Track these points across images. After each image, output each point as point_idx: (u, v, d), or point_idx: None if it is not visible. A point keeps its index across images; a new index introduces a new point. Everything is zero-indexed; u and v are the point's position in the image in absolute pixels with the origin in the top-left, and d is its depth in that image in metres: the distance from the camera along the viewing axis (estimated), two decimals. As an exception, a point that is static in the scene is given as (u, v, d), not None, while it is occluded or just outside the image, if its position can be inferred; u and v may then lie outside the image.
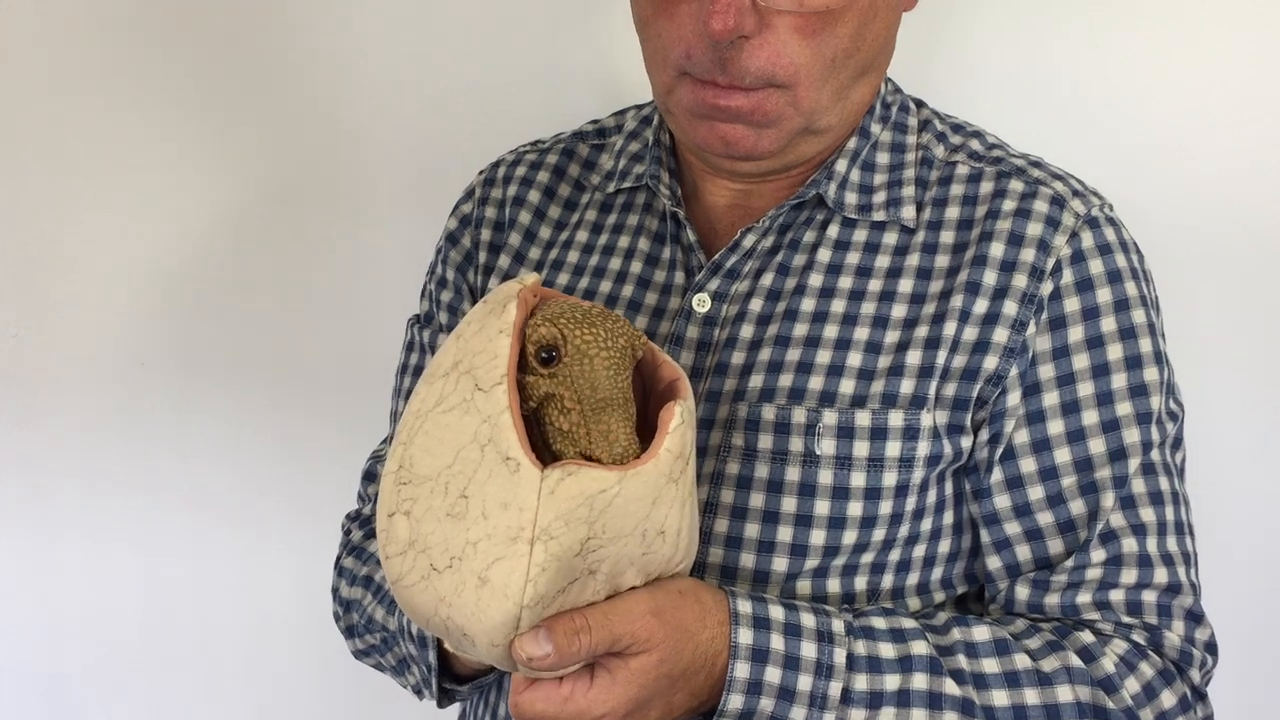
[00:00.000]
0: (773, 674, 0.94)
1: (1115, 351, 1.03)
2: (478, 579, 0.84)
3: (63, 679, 1.68)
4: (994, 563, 1.05)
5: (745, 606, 0.95)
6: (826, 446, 1.01)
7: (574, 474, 0.83)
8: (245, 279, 1.61)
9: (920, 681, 0.96)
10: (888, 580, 1.04)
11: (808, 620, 0.96)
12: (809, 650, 0.95)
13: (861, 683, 0.95)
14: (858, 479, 1.01)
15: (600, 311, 0.89)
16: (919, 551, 1.04)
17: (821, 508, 1.01)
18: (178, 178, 1.59)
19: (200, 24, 1.55)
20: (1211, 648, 1.03)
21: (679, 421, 0.87)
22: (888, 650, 0.96)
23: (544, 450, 0.88)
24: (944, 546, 1.05)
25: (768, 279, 1.08)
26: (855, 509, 1.01)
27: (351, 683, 1.61)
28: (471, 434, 0.85)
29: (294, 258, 1.60)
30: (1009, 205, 1.06)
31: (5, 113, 1.58)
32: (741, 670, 0.93)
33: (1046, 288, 1.03)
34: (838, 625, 0.96)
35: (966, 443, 1.03)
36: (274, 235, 1.60)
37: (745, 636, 0.94)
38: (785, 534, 1.02)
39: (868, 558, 1.02)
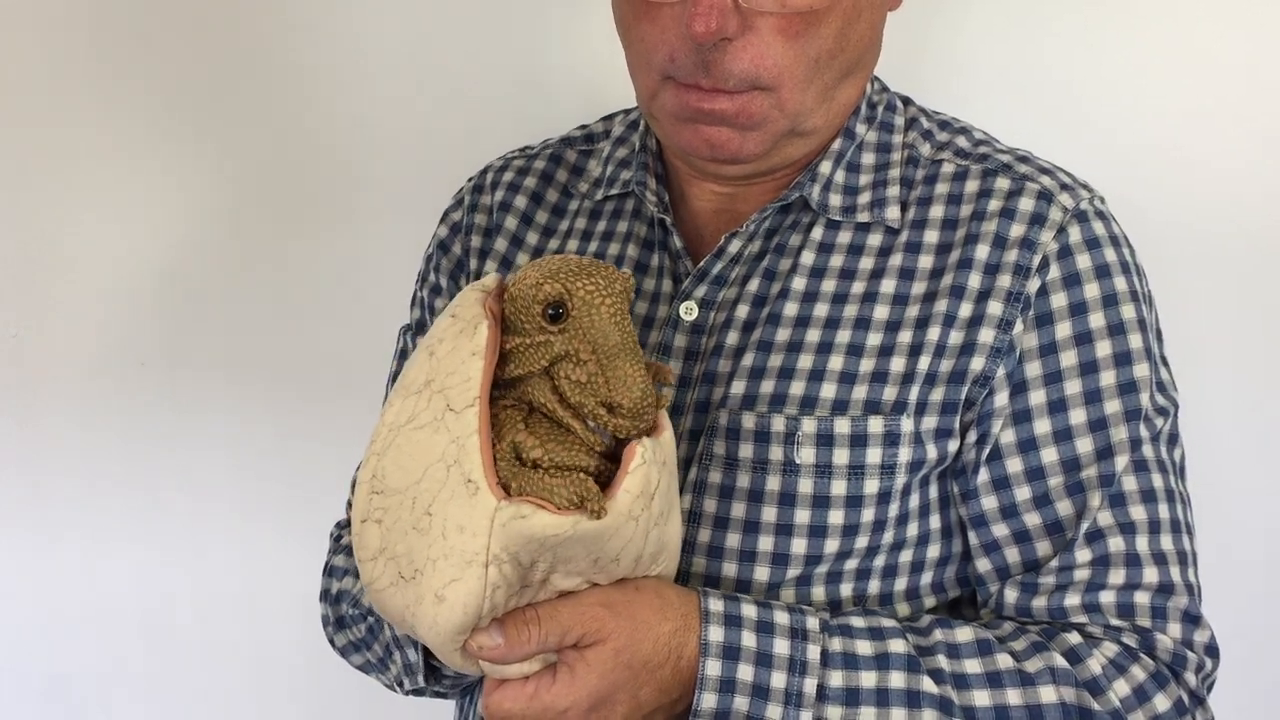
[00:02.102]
0: (745, 671, 0.94)
1: (1104, 348, 1.02)
2: (434, 596, 0.87)
3: (63, 679, 1.69)
4: (984, 565, 1.04)
5: (716, 605, 0.95)
6: (806, 455, 1.00)
7: (526, 517, 0.84)
8: (244, 280, 1.61)
9: (898, 680, 0.95)
10: (874, 586, 1.03)
11: (781, 618, 0.96)
12: (781, 647, 0.94)
13: (837, 679, 0.94)
14: (838, 487, 1.00)
15: (590, 261, 0.89)
16: (905, 557, 1.03)
17: (802, 517, 1.00)
18: (177, 179, 1.59)
19: (199, 26, 1.56)
20: (1211, 650, 1.01)
21: (640, 462, 0.87)
22: (865, 648, 0.96)
23: (562, 406, 0.88)
24: (932, 551, 1.04)
25: (754, 284, 1.07)
26: (836, 517, 1.00)
27: (351, 682, 1.60)
28: (440, 453, 0.87)
29: (293, 259, 1.61)
30: (994, 205, 1.05)
31: (5, 113, 1.58)
32: (713, 668, 0.93)
33: (1033, 284, 1.02)
34: (812, 623, 0.96)
35: (954, 446, 1.02)
36: (273, 237, 1.60)
37: (716, 634, 0.94)
38: (766, 543, 1.01)
39: (851, 564, 1.02)
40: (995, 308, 1.01)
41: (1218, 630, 1.02)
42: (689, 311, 1.08)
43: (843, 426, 1.00)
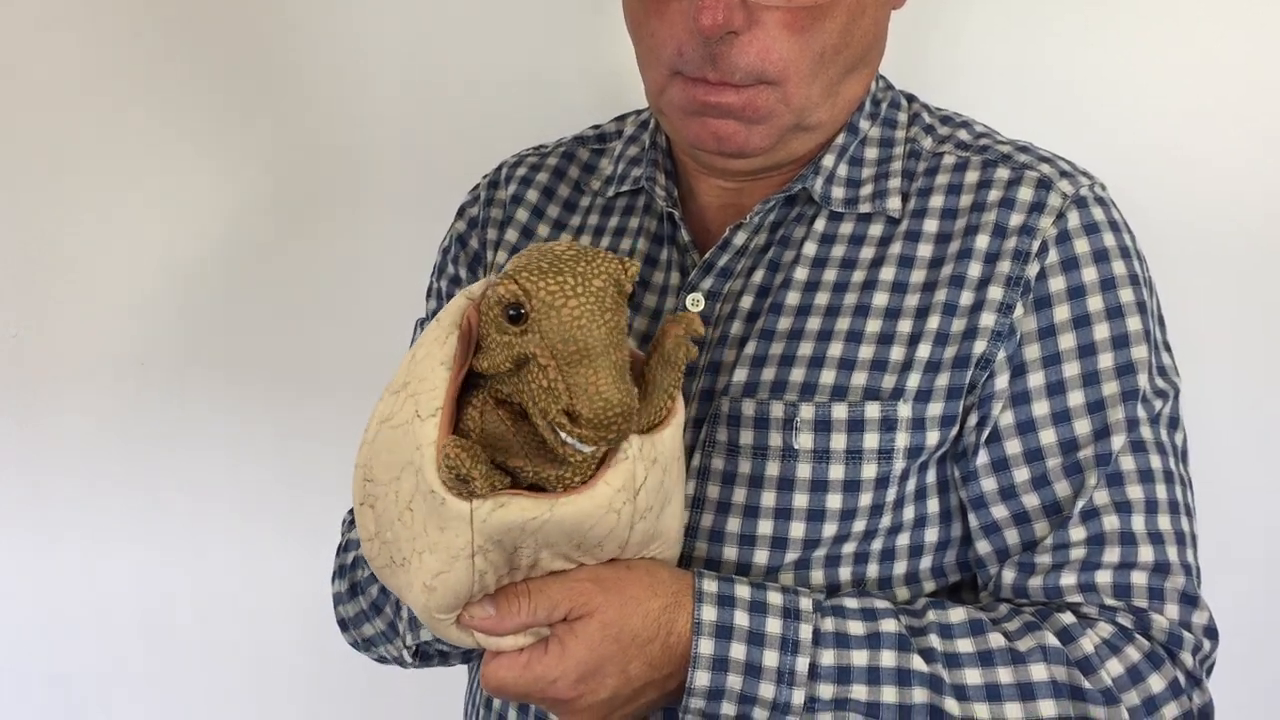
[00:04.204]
0: (738, 650, 0.95)
1: (1102, 331, 1.02)
2: (424, 585, 0.90)
3: (63, 679, 1.69)
4: (984, 547, 1.04)
5: (710, 585, 0.96)
6: (804, 440, 1.01)
7: (504, 505, 0.85)
8: (245, 279, 1.61)
9: (888, 659, 0.96)
10: (873, 570, 1.04)
11: (774, 598, 0.97)
12: (774, 626, 0.96)
13: (828, 658, 0.95)
14: (836, 472, 1.01)
15: (574, 253, 0.84)
16: (903, 540, 1.04)
17: (800, 501, 1.01)
18: (178, 178, 1.60)
19: (200, 25, 1.56)
20: (1210, 631, 1.01)
21: (622, 456, 0.87)
22: (857, 628, 0.97)
23: (533, 408, 0.85)
24: (930, 535, 1.05)
25: (758, 276, 1.08)
26: (834, 501, 1.01)
27: (352, 681, 1.61)
28: (409, 456, 0.87)
29: (294, 258, 1.61)
30: (994, 195, 1.05)
31: (5, 113, 1.59)
32: (705, 647, 0.95)
33: (1032, 268, 1.02)
34: (805, 603, 0.97)
35: (955, 430, 1.03)
36: (274, 236, 1.61)
37: (709, 614, 0.95)
38: (765, 527, 1.02)
39: (849, 548, 1.02)
40: (995, 293, 1.02)
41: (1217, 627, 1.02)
42: (695, 303, 1.09)
43: (840, 412, 1.01)
